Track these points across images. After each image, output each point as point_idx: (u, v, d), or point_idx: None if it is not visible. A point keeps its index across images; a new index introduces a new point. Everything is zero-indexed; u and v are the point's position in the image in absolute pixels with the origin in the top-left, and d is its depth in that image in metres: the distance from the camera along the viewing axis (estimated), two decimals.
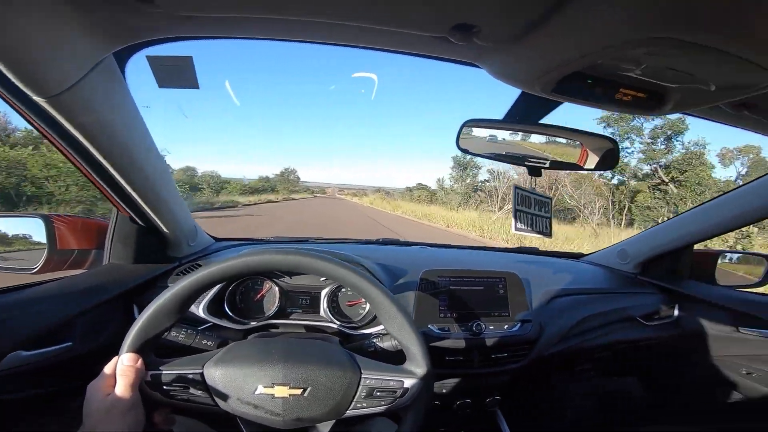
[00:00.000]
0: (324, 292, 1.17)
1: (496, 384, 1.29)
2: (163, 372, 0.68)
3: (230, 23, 0.65)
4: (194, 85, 0.85)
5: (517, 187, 0.95)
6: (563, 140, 0.94)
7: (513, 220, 0.95)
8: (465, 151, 0.93)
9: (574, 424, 1.76)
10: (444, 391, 1.22)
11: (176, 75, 0.84)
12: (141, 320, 0.67)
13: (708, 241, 1.52)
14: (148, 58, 0.80)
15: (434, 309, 1.18)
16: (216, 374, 0.68)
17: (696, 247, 1.55)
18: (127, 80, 0.81)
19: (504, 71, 0.67)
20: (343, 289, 1.19)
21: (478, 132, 0.92)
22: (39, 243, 1.05)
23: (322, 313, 1.16)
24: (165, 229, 1.12)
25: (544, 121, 0.90)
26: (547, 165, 0.95)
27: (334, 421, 0.75)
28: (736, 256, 1.66)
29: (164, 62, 0.82)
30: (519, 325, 1.20)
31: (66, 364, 0.93)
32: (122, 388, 0.63)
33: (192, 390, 0.68)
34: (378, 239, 1.79)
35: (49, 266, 1.04)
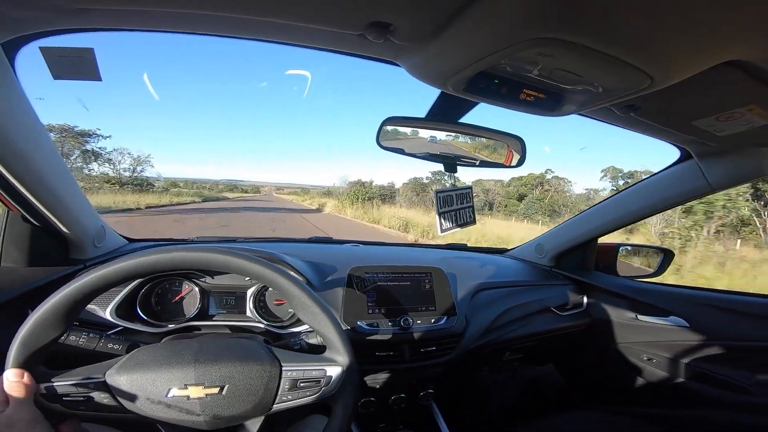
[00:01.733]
0: (250, 292, 1.14)
1: (429, 377, 1.33)
2: (57, 384, 0.63)
3: (129, 16, 0.64)
4: (95, 77, 0.80)
5: (437, 192, 0.99)
6: (478, 139, 1.00)
7: (438, 223, 0.98)
8: (385, 148, 0.96)
9: (501, 412, 1.85)
10: (378, 386, 1.24)
11: (74, 67, 0.80)
12: (21, 333, 0.62)
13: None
14: (42, 49, 0.76)
15: (362, 305, 1.19)
16: (121, 381, 0.65)
17: (600, 240, 1.70)
18: (17, 71, 0.77)
19: (419, 70, 0.71)
20: (270, 288, 1.16)
21: (398, 129, 0.95)
22: None
23: (248, 313, 1.13)
24: (65, 229, 1.04)
25: (464, 120, 0.95)
26: (462, 162, 1.00)
27: (263, 417, 0.73)
28: (633, 248, 1.84)
29: (61, 54, 0.78)
30: (445, 318, 1.25)
31: None
32: (13, 407, 0.58)
33: (96, 398, 0.64)
34: (310, 238, 1.79)
35: None
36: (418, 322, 1.21)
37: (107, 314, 1.01)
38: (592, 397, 1.84)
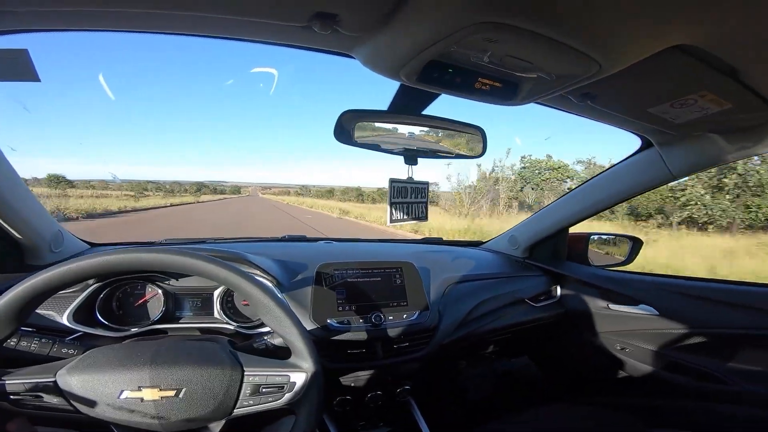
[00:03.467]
0: (217, 293, 1.13)
1: (405, 373, 1.33)
2: (7, 382, 0.63)
3: (60, 16, 0.62)
4: (33, 77, 0.78)
5: (392, 180, 0.98)
6: (438, 130, 1.01)
7: (388, 212, 0.98)
8: (343, 142, 0.95)
9: (479, 405, 1.86)
10: (353, 385, 1.23)
11: (9, 68, 0.78)
12: None
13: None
14: None
15: (332, 302, 1.18)
16: (72, 382, 0.64)
17: (571, 230, 1.73)
18: None
19: (372, 60, 0.71)
20: None
21: (356, 122, 0.94)
22: None
23: (216, 314, 1.12)
24: (17, 235, 1.01)
25: (426, 112, 0.95)
26: (422, 154, 1.00)
27: (224, 421, 0.72)
28: (604, 237, 1.87)
29: None
30: (417, 313, 1.25)
31: None
32: None
33: (46, 399, 0.64)
34: (283, 236, 1.76)
35: None
36: (390, 318, 1.20)
37: (64, 319, 0.98)
38: (568, 388, 1.86)
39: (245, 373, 0.71)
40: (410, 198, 1.00)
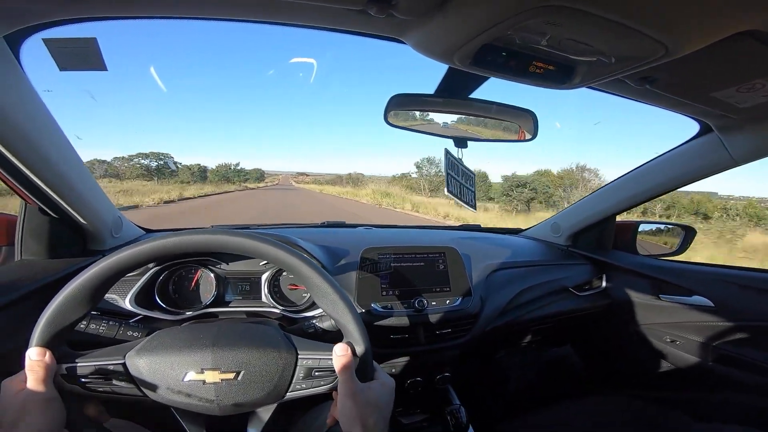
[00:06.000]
0: (264, 277, 1.15)
1: (445, 360, 1.33)
2: (79, 364, 0.65)
3: (128, 2, 0.65)
4: (101, 67, 0.81)
5: (448, 151, 0.98)
6: (488, 113, 1.00)
7: (446, 181, 0.98)
8: (392, 125, 0.96)
9: (518, 395, 1.85)
10: (393, 371, 1.25)
11: (79, 57, 0.81)
12: (47, 313, 0.64)
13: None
14: (45, 41, 0.77)
15: (376, 287, 1.20)
16: (140, 363, 0.66)
17: (618, 218, 1.68)
18: (23, 64, 0.79)
19: (424, 45, 0.70)
20: (284, 273, 1.18)
21: (406, 106, 0.95)
22: None
23: (263, 298, 1.15)
24: (82, 221, 1.06)
25: (473, 95, 0.95)
26: (472, 137, 1.00)
27: (275, 405, 0.74)
28: (654, 226, 1.80)
29: (64, 45, 0.79)
30: (460, 299, 1.25)
31: None
32: (32, 384, 0.61)
33: (115, 381, 0.66)
34: (323, 222, 1.79)
35: None
36: (433, 303, 1.21)
37: (127, 303, 1.03)
38: (611, 380, 1.83)
39: (299, 357, 0.72)
40: (461, 179, 1.00)
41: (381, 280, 1.22)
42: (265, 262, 1.16)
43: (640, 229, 1.72)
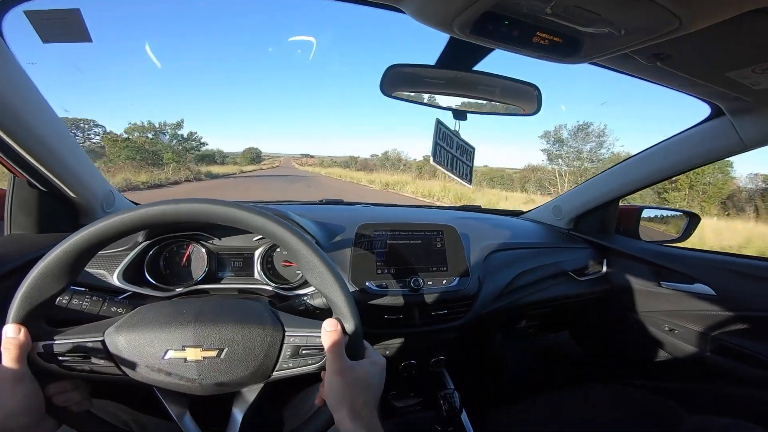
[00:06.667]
0: (257, 253, 1.14)
1: (440, 343, 1.32)
2: (56, 342, 0.62)
3: None
4: (85, 38, 0.79)
5: (439, 121, 0.95)
6: (489, 86, 0.97)
7: (433, 151, 0.96)
8: (389, 96, 0.94)
9: (514, 381, 1.85)
10: (387, 352, 1.23)
11: (62, 29, 0.80)
12: (23, 288, 0.60)
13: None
14: (26, 13, 0.76)
15: (371, 265, 1.18)
16: (119, 340, 0.63)
17: (621, 203, 1.65)
18: (5, 36, 0.77)
19: (422, 12, 0.67)
20: (278, 250, 1.16)
21: (404, 77, 0.92)
22: None
23: (256, 275, 1.13)
24: (72, 194, 1.04)
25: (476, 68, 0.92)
26: (472, 109, 0.97)
27: (261, 384, 0.72)
28: (657, 212, 1.78)
29: (46, 16, 0.77)
30: (457, 280, 1.23)
31: None
32: (5, 362, 0.59)
33: (94, 360, 0.63)
34: (321, 200, 1.77)
35: None
36: (429, 283, 1.19)
37: (114, 279, 1.01)
38: (607, 368, 1.82)
39: (286, 334, 0.69)
40: (454, 151, 0.98)
41: (376, 257, 1.19)
42: (258, 237, 1.14)
43: (643, 215, 1.70)
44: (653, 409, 1.36)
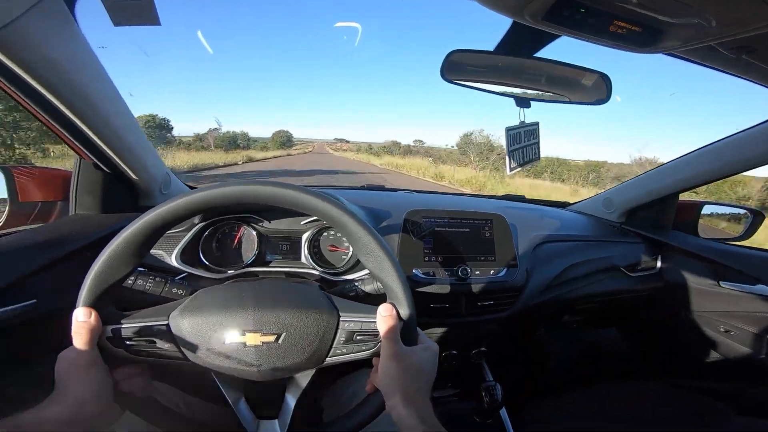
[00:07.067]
0: (305, 237, 1.15)
1: (483, 334, 1.32)
2: (124, 326, 0.63)
3: None
4: (154, 21, 0.80)
5: (508, 129, 0.95)
6: (554, 73, 0.94)
7: (507, 161, 0.96)
8: (449, 81, 0.92)
9: (556, 376, 1.82)
10: None
11: (133, 12, 0.81)
12: (94, 270, 0.61)
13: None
14: None
15: (419, 252, 1.17)
16: (183, 324, 0.64)
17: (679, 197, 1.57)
18: (77, 19, 0.78)
19: None
20: (324, 234, 1.17)
21: (465, 63, 0.90)
22: None
23: (303, 259, 1.15)
24: (133, 176, 1.08)
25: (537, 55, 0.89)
26: (536, 97, 0.95)
27: (314, 370, 0.71)
28: (719, 208, 1.69)
29: None
30: (505, 270, 1.21)
31: (32, 323, 0.89)
32: (78, 346, 0.59)
33: (159, 344, 0.64)
34: (362, 186, 1.77)
35: (12, 221, 1.02)
36: (477, 272, 1.18)
37: (173, 259, 1.05)
38: (654, 367, 1.77)
39: (341, 319, 0.68)
40: (524, 142, 0.97)
41: (424, 244, 1.19)
42: (306, 221, 1.15)
43: (703, 211, 1.61)
44: (700, 409, 1.32)
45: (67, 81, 0.78)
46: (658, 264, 1.57)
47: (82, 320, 0.59)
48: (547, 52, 0.88)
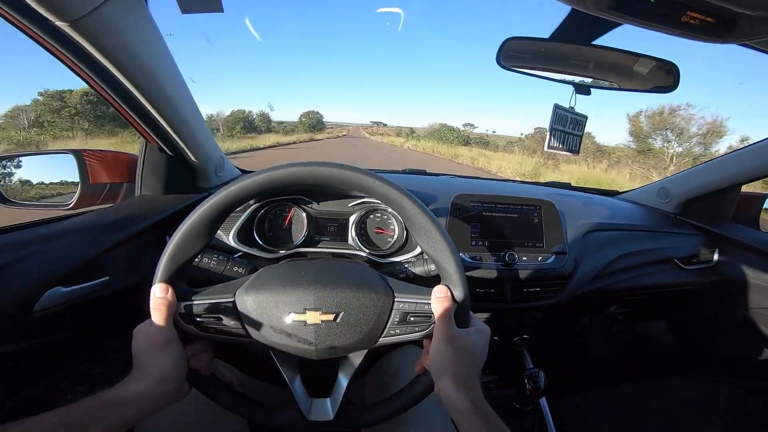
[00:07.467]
0: (352, 219, 1.17)
1: (527, 322, 1.31)
2: (195, 302, 0.65)
3: None
4: (218, 8, 0.82)
5: (557, 106, 0.95)
6: (616, 61, 0.92)
7: (548, 137, 0.96)
8: (505, 68, 0.91)
9: (599, 368, 1.79)
10: None
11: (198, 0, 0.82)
12: (170, 246, 0.63)
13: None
14: None
15: (466, 236, 1.18)
16: (248, 301, 0.66)
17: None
18: (149, 6, 0.82)
19: None
20: (371, 216, 1.19)
21: (521, 50, 0.90)
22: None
23: (350, 241, 1.17)
24: (193, 159, 1.15)
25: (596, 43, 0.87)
26: (596, 84, 0.94)
27: (366, 351, 0.73)
28: None
29: None
30: (553, 257, 1.20)
31: (104, 300, 0.94)
32: (156, 322, 0.61)
33: (225, 321, 0.66)
34: (404, 170, 1.76)
35: (83, 201, 1.08)
36: (524, 258, 1.17)
37: (230, 239, 1.10)
38: (703, 364, 1.71)
39: (395, 300, 0.68)
40: (568, 128, 0.97)
41: (471, 228, 1.19)
42: (354, 203, 1.17)
43: (765, 204, 1.53)
44: (749, 409, 1.28)
45: (140, 66, 0.83)
46: (715, 257, 1.51)
47: (160, 296, 0.61)
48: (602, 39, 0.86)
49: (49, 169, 1.15)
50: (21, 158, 1.15)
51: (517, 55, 0.91)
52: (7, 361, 0.84)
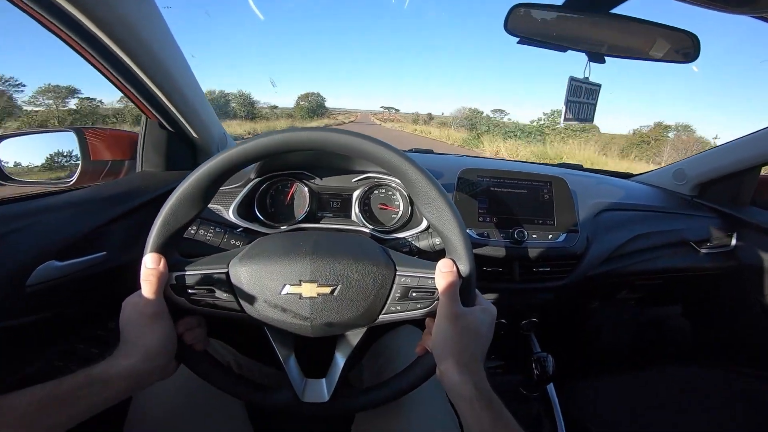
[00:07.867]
0: (356, 195, 1.15)
1: (536, 304, 1.28)
2: (187, 273, 0.63)
3: None
4: None
5: (572, 78, 0.91)
6: (634, 30, 0.87)
7: (563, 110, 0.93)
8: (513, 34, 0.87)
9: (608, 353, 1.76)
10: None
11: None
12: (161, 215, 0.61)
13: None
14: None
15: (473, 211, 1.14)
16: (242, 272, 0.63)
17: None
18: None
19: None
20: (375, 192, 1.17)
21: (531, 16, 0.85)
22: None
23: (353, 216, 1.15)
24: (194, 134, 1.13)
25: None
26: (611, 51, 0.89)
27: (365, 329, 0.69)
28: None
29: None
30: (564, 236, 1.16)
31: (101, 276, 0.92)
32: (146, 294, 0.58)
33: (218, 293, 0.64)
34: (410, 149, 1.73)
35: (84, 178, 1.07)
36: (534, 236, 1.13)
37: (230, 214, 1.08)
38: (717, 351, 1.66)
39: (397, 273, 0.65)
40: (583, 98, 0.94)
41: (479, 204, 1.15)
42: (357, 178, 1.15)
43: None
44: (763, 397, 1.24)
45: (138, 40, 0.82)
46: (733, 242, 1.45)
47: (151, 267, 0.58)
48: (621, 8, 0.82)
49: (51, 148, 1.14)
50: (22, 136, 1.16)
51: (526, 21, 0.86)
52: (1, 338, 0.81)
